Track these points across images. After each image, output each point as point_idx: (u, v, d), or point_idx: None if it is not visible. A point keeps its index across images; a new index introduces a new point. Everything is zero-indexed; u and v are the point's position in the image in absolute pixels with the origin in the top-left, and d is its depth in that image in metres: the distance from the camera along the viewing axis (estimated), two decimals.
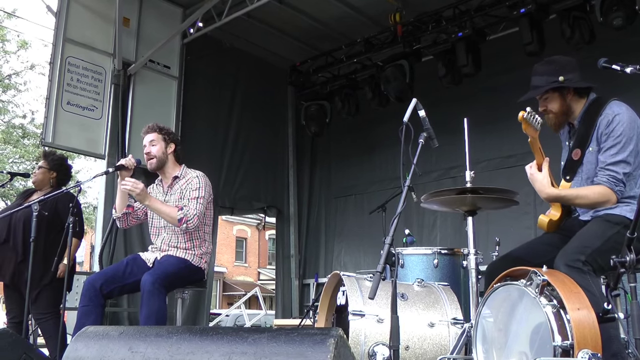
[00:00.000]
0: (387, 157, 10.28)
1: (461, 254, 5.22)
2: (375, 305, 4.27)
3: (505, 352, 3.44)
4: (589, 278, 3.39)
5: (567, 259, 3.47)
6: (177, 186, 5.32)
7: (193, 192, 5.19)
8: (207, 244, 5.34)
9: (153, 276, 4.70)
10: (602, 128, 3.81)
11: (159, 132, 5.39)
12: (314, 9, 9.78)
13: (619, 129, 3.73)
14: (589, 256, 3.45)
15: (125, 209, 5.36)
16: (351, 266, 10.62)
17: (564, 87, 3.97)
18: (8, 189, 23.25)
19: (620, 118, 3.75)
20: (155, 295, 4.62)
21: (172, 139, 5.45)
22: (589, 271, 3.42)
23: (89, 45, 8.60)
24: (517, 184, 7.02)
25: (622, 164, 3.70)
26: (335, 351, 2.19)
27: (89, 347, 2.75)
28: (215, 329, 2.60)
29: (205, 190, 5.22)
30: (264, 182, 11.19)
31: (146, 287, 4.63)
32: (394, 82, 9.50)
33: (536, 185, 3.89)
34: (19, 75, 27.20)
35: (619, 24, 7.42)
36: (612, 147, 3.73)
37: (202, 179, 5.28)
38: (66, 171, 6.62)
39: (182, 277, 5.06)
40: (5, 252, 6.09)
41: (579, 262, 3.43)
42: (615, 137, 3.73)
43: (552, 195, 3.88)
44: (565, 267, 3.42)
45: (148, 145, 5.34)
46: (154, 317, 4.59)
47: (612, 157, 3.72)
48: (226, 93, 10.52)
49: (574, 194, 3.83)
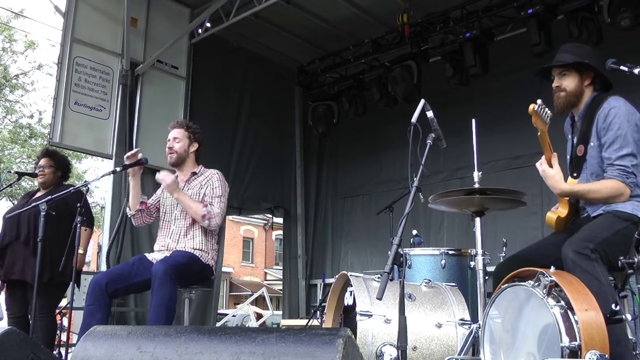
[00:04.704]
0: (395, 157, 10.27)
1: (468, 255, 5.23)
2: (382, 306, 4.28)
3: (512, 353, 3.44)
4: (596, 265, 3.38)
5: (575, 246, 3.47)
6: (196, 181, 5.39)
7: (216, 189, 5.33)
8: (214, 241, 5.37)
9: (165, 264, 4.72)
10: (600, 122, 3.82)
11: (185, 129, 5.45)
12: (321, 9, 9.78)
13: (616, 121, 3.75)
14: (598, 245, 3.45)
15: (139, 205, 5.39)
16: (358, 267, 10.60)
17: (586, 70, 4.00)
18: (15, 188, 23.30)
19: (617, 111, 3.77)
20: (166, 283, 4.64)
21: (197, 138, 5.51)
22: (596, 259, 3.40)
23: (96, 46, 8.60)
24: (525, 185, 7.08)
25: (629, 157, 3.71)
26: (344, 351, 2.18)
27: (97, 347, 2.76)
28: (223, 329, 2.61)
29: (223, 189, 5.37)
30: (271, 183, 11.20)
31: (158, 274, 4.64)
32: (402, 82, 9.49)
33: (549, 181, 3.88)
34: (27, 75, 27.26)
35: (627, 24, 7.41)
36: (614, 142, 3.74)
37: (221, 177, 5.44)
38: (69, 169, 6.71)
39: (192, 270, 5.08)
40: (16, 249, 6.11)
41: (587, 249, 3.42)
42: (615, 130, 3.74)
43: (566, 191, 3.88)
44: (574, 254, 3.42)
45: (172, 140, 5.41)
46: (164, 305, 4.60)
47: (617, 151, 3.73)
48: (234, 93, 10.52)
49: (587, 189, 3.83)
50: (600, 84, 4.04)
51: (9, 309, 6.28)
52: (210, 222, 5.14)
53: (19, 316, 6.19)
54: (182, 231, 5.25)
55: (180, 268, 4.85)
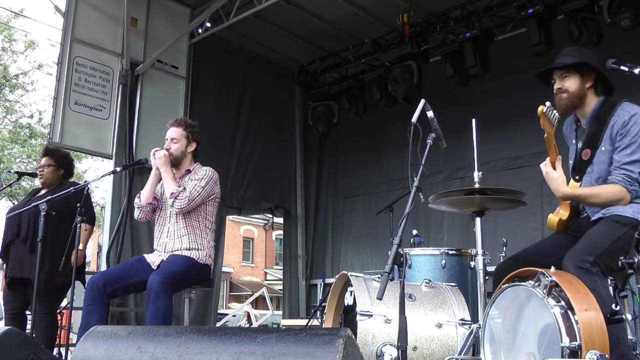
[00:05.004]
0: (395, 157, 10.27)
1: (469, 255, 5.23)
2: (383, 306, 4.28)
3: (513, 352, 3.44)
4: (597, 279, 3.39)
5: (575, 260, 3.47)
6: (187, 177, 5.35)
7: (197, 177, 5.26)
8: (210, 238, 5.34)
9: (161, 276, 4.71)
10: (617, 127, 3.82)
11: (184, 129, 5.40)
12: (321, 9, 9.77)
13: (635, 128, 3.76)
14: (598, 257, 3.46)
15: (151, 199, 5.37)
16: (358, 266, 10.60)
17: (587, 72, 4.01)
18: (15, 188, 23.31)
19: (637, 119, 3.77)
20: (162, 295, 4.64)
21: (196, 137, 5.46)
22: (597, 272, 3.42)
23: (96, 46, 8.60)
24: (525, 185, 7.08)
25: (637, 163, 3.72)
26: (344, 351, 2.19)
27: (97, 347, 2.76)
28: (223, 329, 2.61)
29: (206, 182, 5.24)
30: (271, 183, 11.20)
31: (153, 287, 4.64)
32: (402, 82, 9.48)
33: (552, 184, 3.89)
34: (27, 75, 27.28)
35: (627, 24, 7.41)
36: (628, 147, 3.75)
37: (209, 172, 5.33)
38: (71, 167, 6.69)
39: (189, 276, 5.07)
40: (17, 248, 6.12)
41: (587, 263, 3.43)
42: (632, 136, 3.75)
43: (568, 194, 3.89)
44: (574, 269, 3.43)
45: (169, 141, 5.36)
46: (160, 317, 4.60)
47: (628, 156, 3.74)
48: (234, 93, 10.52)
49: (589, 193, 3.84)
50: (602, 87, 4.05)
51: (6, 304, 6.27)
52: (175, 202, 5.08)
53: (17, 313, 6.20)
54: (177, 228, 5.22)
55: (176, 278, 4.85)
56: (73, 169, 6.74)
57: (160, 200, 5.42)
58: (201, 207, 5.27)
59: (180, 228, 5.21)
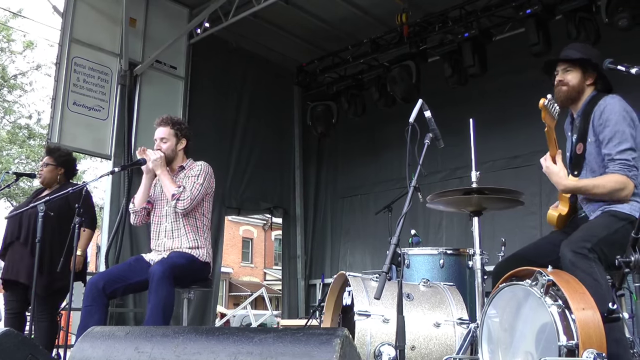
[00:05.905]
0: (393, 157, 10.28)
1: (467, 254, 5.22)
2: (381, 306, 4.28)
3: (510, 352, 3.44)
4: (594, 265, 3.41)
5: (573, 246, 3.49)
6: (182, 174, 5.32)
7: (194, 173, 5.22)
8: (206, 235, 5.31)
9: (163, 265, 4.70)
10: (596, 119, 3.87)
11: (171, 127, 5.35)
12: (320, 9, 9.79)
13: (612, 118, 3.79)
14: (595, 245, 3.48)
15: (145, 203, 5.34)
16: (357, 266, 10.61)
17: (590, 69, 4.05)
18: (14, 189, 23.31)
19: (612, 107, 3.82)
20: (164, 283, 4.60)
21: (185, 134, 5.41)
22: (594, 259, 3.44)
23: (95, 46, 8.61)
24: (523, 185, 7.09)
25: (628, 151, 3.74)
26: (341, 351, 2.19)
27: (95, 348, 2.76)
28: (221, 329, 2.61)
29: (204, 178, 5.21)
30: (270, 183, 11.21)
31: (156, 275, 4.61)
32: (401, 82, 9.50)
33: (553, 178, 3.89)
34: (25, 76, 27.33)
35: (625, 24, 7.42)
36: (613, 138, 3.77)
37: (204, 167, 5.28)
38: (73, 166, 6.62)
39: (190, 270, 5.03)
40: (16, 249, 6.11)
41: (585, 249, 3.45)
42: (612, 126, 3.78)
43: (570, 186, 3.88)
44: (571, 253, 3.45)
45: (159, 142, 5.31)
46: (161, 305, 4.56)
47: (617, 146, 3.75)
48: (233, 93, 10.53)
49: (592, 184, 3.83)
50: (602, 85, 4.08)
51: (7, 304, 6.26)
52: (178, 203, 5.04)
53: (16, 312, 6.18)
54: (174, 227, 5.20)
55: (179, 268, 4.82)
56: (75, 168, 6.68)
57: (154, 200, 5.40)
58: (199, 204, 5.26)
59: (180, 227, 5.18)
